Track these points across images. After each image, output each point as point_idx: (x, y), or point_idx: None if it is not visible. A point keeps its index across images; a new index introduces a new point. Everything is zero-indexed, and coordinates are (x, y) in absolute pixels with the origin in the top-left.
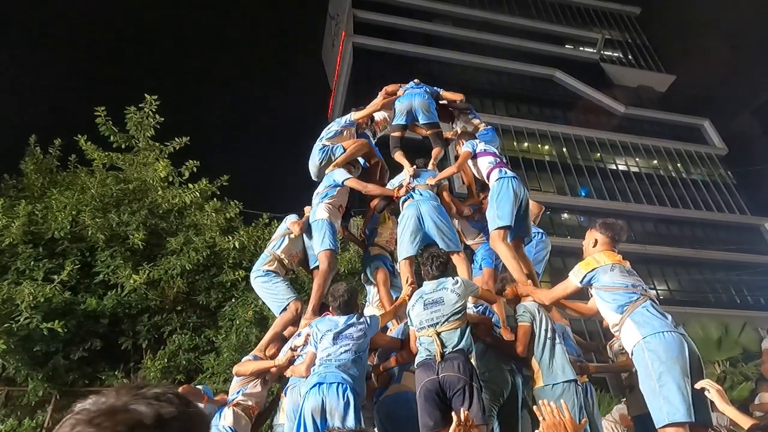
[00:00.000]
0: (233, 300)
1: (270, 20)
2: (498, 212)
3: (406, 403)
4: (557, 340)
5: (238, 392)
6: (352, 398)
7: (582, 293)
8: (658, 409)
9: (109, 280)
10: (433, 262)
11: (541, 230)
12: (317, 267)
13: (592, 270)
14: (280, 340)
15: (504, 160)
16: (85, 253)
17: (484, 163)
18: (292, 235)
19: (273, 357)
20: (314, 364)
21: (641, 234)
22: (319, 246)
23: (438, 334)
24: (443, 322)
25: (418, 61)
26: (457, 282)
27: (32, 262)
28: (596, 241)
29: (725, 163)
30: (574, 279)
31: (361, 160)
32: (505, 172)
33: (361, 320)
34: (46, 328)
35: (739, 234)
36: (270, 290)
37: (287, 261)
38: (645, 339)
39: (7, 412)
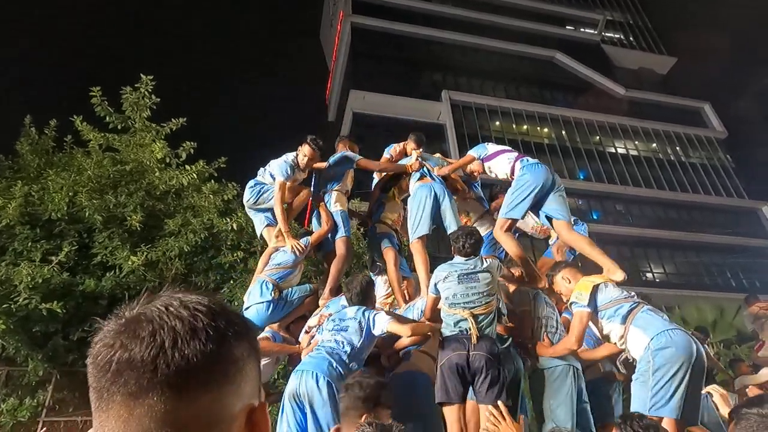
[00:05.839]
0: (231, 281)
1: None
2: (512, 203)
3: (412, 383)
4: (549, 328)
5: None
6: (326, 388)
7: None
8: (641, 399)
9: (107, 261)
10: (467, 239)
11: None
12: (332, 251)
13: (593, 291)
14: None
15: (522, 153)
16: (82, 235)
17: (503, 161)
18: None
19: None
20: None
21: (639, 217)
22: (336, 233)
23: (474, 315)
24: (480, 305)
25: (417, 41)
26: (490, 263)
27: (30, 243)
28: (569, 280)
29: (724, 147)
30: (582, 307)
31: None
32: (528, 161)
33: (367, 317)
34: (45, 308)
35: (736, 217)
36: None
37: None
38: (652, 340)
39: (8, 391)
